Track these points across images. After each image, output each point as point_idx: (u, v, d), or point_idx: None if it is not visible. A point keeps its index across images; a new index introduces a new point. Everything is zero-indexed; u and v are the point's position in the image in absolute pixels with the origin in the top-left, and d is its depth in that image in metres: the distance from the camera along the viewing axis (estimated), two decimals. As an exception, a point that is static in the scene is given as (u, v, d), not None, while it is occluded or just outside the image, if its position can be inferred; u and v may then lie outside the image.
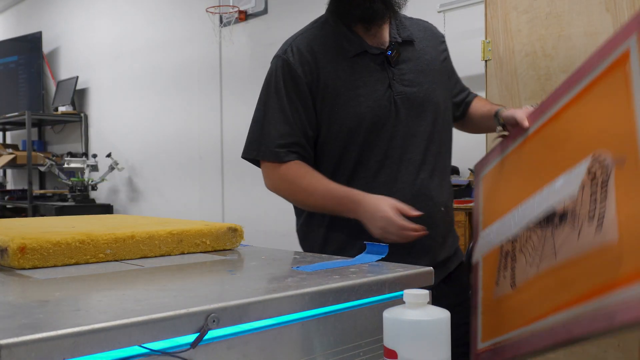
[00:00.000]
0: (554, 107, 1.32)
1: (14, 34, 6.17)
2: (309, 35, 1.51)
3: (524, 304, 1.22)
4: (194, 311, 0.68)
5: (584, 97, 1.21)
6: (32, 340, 0.57)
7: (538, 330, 1.14)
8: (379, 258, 1.06)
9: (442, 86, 1.55)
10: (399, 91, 1.47)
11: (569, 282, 1.09)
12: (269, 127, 1.47)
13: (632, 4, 1.73)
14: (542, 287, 1.17)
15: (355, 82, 1.46)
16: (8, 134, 6.47)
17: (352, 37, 1.48)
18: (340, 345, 0.84)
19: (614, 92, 1.09)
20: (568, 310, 1.06)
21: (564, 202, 1.18)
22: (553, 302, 1.11)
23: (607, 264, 1.00)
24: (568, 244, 1.13)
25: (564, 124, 1.30)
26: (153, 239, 1.07)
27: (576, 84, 1.24)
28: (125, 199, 5.09)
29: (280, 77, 1.48)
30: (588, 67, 1.20)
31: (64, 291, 0.81)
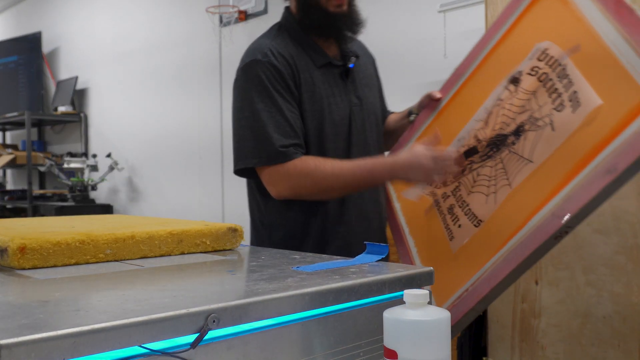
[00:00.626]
0: (473, 63, 1.52)
1: (14, 34, 6.17)
2: (280, 42, 1.55)
3: (498, 229, 1.31)
4: (194, 311, 0.68)
5: (514, 31, 1.41)
6: (32, 340, 0.57)
7: (503, 257, 1.25)
8: (379, 258, 1.06)
9: (379, 101, 1.72)
10: (354, 102, 1.58)
11: (551, 174, 1.21)
12: (267, 130, 1.44)
13: (632, 4, 1.72)
14: (521, 196, 1.27)
15: (327, 91, 1.54)
16: (8, 134, 6.47)
17: (317, 48, 1.57)
18: (340, 345, 0.84)
19: (549, 11, 1.31)
20: (550, 201, 1.19)
21: (508, 122, 1.36)
22: (540, 196, 1.22)
23: (594, 130, 1.15)
24: (542, 144, 1.26)
25: (488, 69, 1.48)
26: (153, 239, 1.07)
27: (494, 34, 1.46)
28: (125, 199, 5.09)
29: (269, 80, 1.47)
30: (506, 15, 1.43)
31: (64, 291, 0.81)
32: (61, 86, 5.52)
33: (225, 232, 1.17)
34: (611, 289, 1.78)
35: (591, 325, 1.82)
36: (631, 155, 1.06)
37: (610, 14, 1.18)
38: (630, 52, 1.13)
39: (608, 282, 1.78)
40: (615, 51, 1.15)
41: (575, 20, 1.25)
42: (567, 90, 1.23)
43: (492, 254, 1.28)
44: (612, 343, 1.77)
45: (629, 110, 1.09)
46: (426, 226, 1.53)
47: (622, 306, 1.76)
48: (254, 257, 1.11)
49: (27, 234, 0.99)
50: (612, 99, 1.14)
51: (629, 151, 1.07)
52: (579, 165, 1.15)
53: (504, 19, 1.45)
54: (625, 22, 1.15)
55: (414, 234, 1.57)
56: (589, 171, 1.13)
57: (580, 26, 1.23)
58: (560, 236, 1.18)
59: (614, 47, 1.15)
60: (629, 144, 1.07)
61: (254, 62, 1.49)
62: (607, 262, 1.78)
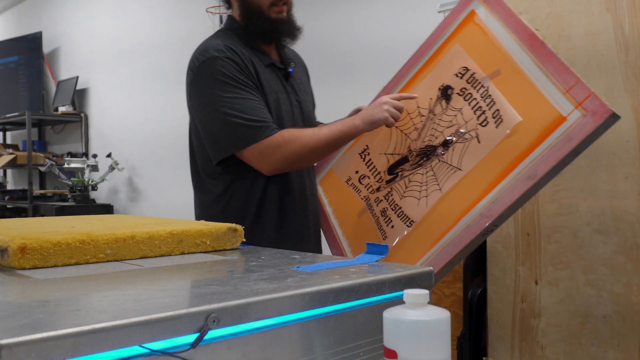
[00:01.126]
0: (402, 81, 1.68)
1: (14, 34, 6.17)
2: (230, 42, 1.62)
3: (431, 228, 1.46)
4: (194, 311, 0.68)
5: (438, 56, 1.61)
6: (32, 340, 0.57)
7: (436, 253, 1.40)
8: (379, 258, 1.06)
9: (313, 109, 1.83)
10: (295, 104, 1.68)
11: (479, 180, 1.39)
12: (245, 113, 1.51)
13: (632, 4, 1.72)
14: (452, 199, 1.44)
15: (275, 87, 1.63)
16: (8, 134, 6.47)
17: (261, 49, 1.66)
18: (340, 345, 0.84)
19: (470, 38, 1.53)
20: (485, 199, 1.37)
21: (436, 135, 1.53)
22: (469, 199, 1.40)
23: (515, 143, 1.35)
24: (470, 154, 1.45)
25: (419, 86, 1.64)
26: (153, 239, 1.07)
27: (426, 52, 1.64)
28: (126, 199, 5.09)
29: (230, 72, 1.53)
30: (435, 38, 1.63)
31: (64, 291, 0.81)
32: (61, 86, 5.52)
33: (225, 232, 1.17)
34: (611, 289, 1.78)
35: (591, 325, 1.81)
36: (549, 163, 1.27)
37: (525, 45, 1.40)
38: (543, 77, 1.35)
39: (608, 282, 1.78)
40: (531, 76, 1.37)
41: (495, 49, 1.46)
42: (490, 108, 1.44)
43: (425, 250, 1.43)
44: (612, 343, 1.77)
45: (545, 126, 1.31)
46: (360, 227, 1.67)
47: (622, 306, 1.76)
48: (254, 257, 1.11)
49: (27, 234, 0.99)
50: (530, 117, 1.35)
51: (546, 160, 1.27)
52: (503, 172, 1.34)
53: (432, 41, 1.65)
54: (538, 52, 1.37)
55: (347, 235, 1.70)
56: (512, 177, 1.32)
57: (499, 54, 1.45)
58: (487, 233, 1.36)
59: (529, 73, 1.37)
60: (546, 154, 1.28)
61: (212, 59, 1.55)
62: (607, 262, 1.78)
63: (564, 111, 1.28)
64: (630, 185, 1.74)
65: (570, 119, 1.26)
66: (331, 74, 3.25)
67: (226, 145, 1.54)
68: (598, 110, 1.23)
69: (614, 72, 1.76)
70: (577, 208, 1.85)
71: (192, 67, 1.60)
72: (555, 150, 1.26)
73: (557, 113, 1.29)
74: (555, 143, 1.27)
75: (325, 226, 1.77)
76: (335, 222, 1.74)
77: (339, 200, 1.77)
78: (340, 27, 3.20)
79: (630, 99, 1.74)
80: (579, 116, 1.25)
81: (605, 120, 1.22)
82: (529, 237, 1.95)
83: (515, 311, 1.98)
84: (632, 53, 1.73)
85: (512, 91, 1.40)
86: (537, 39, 1.39)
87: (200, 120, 1.59)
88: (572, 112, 1.26)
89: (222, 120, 1.52)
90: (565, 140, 1.26)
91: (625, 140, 1.75)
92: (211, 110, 1.54)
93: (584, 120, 1.24)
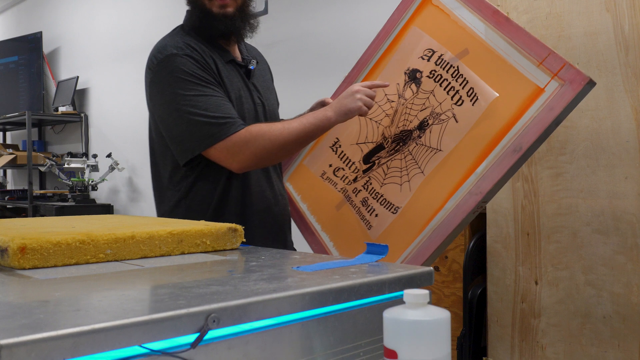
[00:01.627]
0: (364, 70, 1.69)
1: (14, 34, 6.17)
2: (188, 39, 1.58)
3: (418, 212, 1.46)
4: (194, 311, 0.68)
5: (399, 41, 1.62)
6: (32, 340, 0.57)
7: (427, 236, 1.40)
8: (379, 258, 1.06)
9: (277, 107, 1.79)
10: (258, 103, 1.64)
11: (462, 158, 1.39)
12: (209, 110, 1.46)
13: (632, 4, 1.72)
14: (437, 181, 1.44)
15: (236, 85, 1.59)
16: (8, 134, 6.47)
17: (220, 46, 1.62)
18: (340, 345, 0.84)
19: (431, 20, 1.54)
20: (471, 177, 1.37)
21: (410, 119, 1.53)
22: (454, 178, 1.40)
23: (496, 118, 1.36)
24: (449, 134, 1.45)
25: (383, 72, 1.64)
26: (153, 239, 1.07)
27: (385, 39, 1.65)
28: (126, 199, 5.09)
29: (191, 70, 1.50)
30: (392, 24, 1.65)
31: (64, 291, 0.81)
32: (62, 86, 5.52)
33: (226, 232, 1.17)
34: (611, 289, 1.78)
35: (591, 325, 1.81)
36: (533, 135, 1.28)
37: (490, 22, 1.41)
38: (514, 52, 1.36)
39: (608, 282, 1.78)
40: (501, 52, 1.38)
41: (459, 29, 1.48)
42: (463, 87, 1.44)
43: (415, 234, 1.43)
44: (612, 343, 1.77)
45: (524, 99, 1.32)
46: (340, 220, 1.66)
47: (622, 306, 1.76)
48: (254, 257, 1.11)
49: (27, 234, 0.99)
50: (507, 91, 1.36)
51: (530, 132, 1.28)
52: (487, 149, 1.35)
53: (390, 27, 1.67)
54: (505, 28, 1.38)
55: (327, 229, 1.69)
56: (497, 152, 1.33)
57: (464, 34, 1.46)
58: (477, 210, 1.36)
59: (499, 49, 1.39)
60: (529, 126, 1.29)
61: (170, 56, 1.52)
62: (607, 262, 1.78)
63: (541, 83, 1.30)
64: (630, 185, 1.74)
65: (548, 89, 1.29)
66: (326, 72, 3.26)
67: (192, 145, 1.48)
68: (575, 78, 1.26)
69: (614, 72, 1.76)
70: (577, 208, 1.85)
71: (151, 66, 1.56)
72: (537, 122, 1.28)
73: (534, 85, 1.31)
74: (536, 114, 1.29)
75: (301, 224, 1.75)
76: (311, 218, 1.73)
77: (314, 195, 1.75)
78: (336, 25, 3.20)
79: (630, 99, 1.74)
80: (556, 86, 1.28)
81: (583, 88, 1.25)
82: (529, 237, 1.95)
83: (515, 311, 1.98)
84: (632, 53, 1.73)
85: (484, 69, 1.41)
86: (501, 15, 1.40)
87: (162, 121, 1.55)
88: (549, 82, 1.29)
89: (186, 120, 1.47)
90: (546, 110, 1.28)
91: (625, 140, 1.75)
92: (174, 109, 1.49)
93: (563, 89, 1.27)
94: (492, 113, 1.37)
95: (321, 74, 3.29)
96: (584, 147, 1.84)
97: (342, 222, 1.66)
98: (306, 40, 3.41)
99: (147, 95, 1.58)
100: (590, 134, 1.82)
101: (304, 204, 1.75)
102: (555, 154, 1.89)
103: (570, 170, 1.86)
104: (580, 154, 1.84)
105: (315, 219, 1.71)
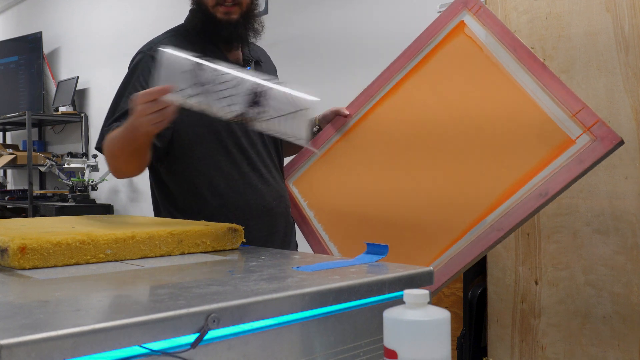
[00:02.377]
0: (386, 86, 1.67)
1: (14, 34, 6.17)
2: (174, 40, 1.58)
3: (436, 236, 1.44)
4: (194, 311, 0.68)
5: (428, 62, 1.61)
6: (32, 340, 0.57)
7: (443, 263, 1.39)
8: (379, 258, 1.06)
9: None
10: None
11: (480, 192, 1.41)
12: (109, 114, 1.54)
13: (632, 4, 1.72)
14: (454, 210, 1.44)
15: None
16: (8, 134, 6.47)
17: (215, 50, 1.60)
18: (340, 345, 0.84)
19: (459, 55, 1.54)
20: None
21: None
22: (474, 214, 1.39)
23: (526, 159, 1.38)
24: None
25: (399, 96, 1.63)
26: (153, 239, 1.07)
27: (408, 62, 1.65)
28: (126, 199, 5.09)
29: (140, 70, 1.52)
30: (419, 45, 1.64)
31: (64, 291, 0.81)
32: (62, 86, 5.52)
33: (226, 232, 1.17)
34: (611, 289, 1.78)
35: (591, 325, 1.81)
36: (560, 183, 1.31)
37: (525, 65, 1.42)
38: (548, 99, 1.38)
39: (608, 282, 1.78)
40: (534, 97, 1.40)
41: (492, 65, 1.48)
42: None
43: (430, 259, 1.42)
44: (612, 343, 1.77)
45: (554, 147, 1.35)
46: (345, 223, 1.65)
47: (622, 306, 1.76)
48: (254, 257, 1.11)
49: (27, 234, 0.99)
50: (538, 135, 1.37)
51: (557, 180, 1.32)
52: (513, 188, 1.37)
53: (419, 47, 1.64)
54: (540, 74, 1.40)
55: (328, 230, 1.67)
56: (523, 193, 1.35)
57: (496, 70, 1.47)
58: (494, 245, 1.37)
59: (532, 93, 1.40)
60: (557, 174, 1.33)
61: (138, 53, 1.58)
62: (607, 262, 1.78)
63: (572, 134, 1.33)
64: (630, 185, 1.74)
65: (579, 142, 1.32)
66: (326, 72, 3.25)
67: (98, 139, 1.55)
68: (607, 136, 1.30)
69: (614, 72, 1.76)
70: (577, 208, 1.85)
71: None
72: (566, 171, 1.32)
73: (566, 135, 1.34)
74: (565, 164, 1.32)
75: (306, 230, 1.71)
76: (314, 220, 1.70)
77: (318, 198, 1.72)
78: (337, 25, 3.20)
79: (630, 99, 1.74)
80: (587, 140, 1.31)
81: (614, 146, 1.29)
82: (529, 237, 1.95)
83: (515, 311, 1.98)
84: (632, 53, 1.73)
85: (519, 111, 1.41)
86: (537, 60, 1.42)
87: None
88: (581, 135, 1.32)
89: (106, 115, 1.56)
90: (576, 162, 1.31)
91: (625, 141, 1.75)
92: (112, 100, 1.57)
93: (594, 145, 1.31)
94: (521, 152, 1.39)
95: (321, 74, 3.29)
96: (584, 147, 1.84)
97: (353, 233, 1.64)
98: (306, 40, 3.41)
99: None
100: (590, 134, 1.82)
101: (311, 211, 1.73)
102: (555, 154, 1.89)
103: (570, 170, 1.86)
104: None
105: (323, 227, 1.70)
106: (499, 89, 1.44)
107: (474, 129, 1.46)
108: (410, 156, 1.56)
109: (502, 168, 1.40)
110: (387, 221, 1.55)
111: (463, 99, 1.51)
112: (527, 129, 1.39)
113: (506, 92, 1.44)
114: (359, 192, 1.62)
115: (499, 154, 1.41)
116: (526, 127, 1.39)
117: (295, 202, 1.75)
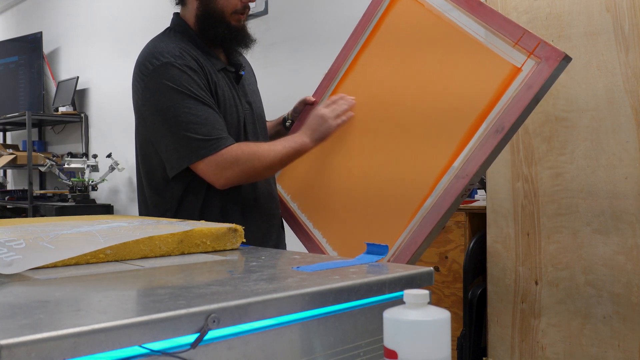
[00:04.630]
0: (343, 66, 1.72)
1: (14, 34, 6.17)
2: (183, 45, 1.59)
3: (407, 198, 1.45)
4: (194, 311, 0.68)
5: (378, 32, 1.63)
6: (32, 340, 0.57)
7: (418, 223, 1.41)
8: (379, 258, 1.06)
9: (263, 108, 1.82)
10: (246, 107, 1.67)
11: (439, 144, 1.43)
12: (201, 124, 1.49)
13: (632, 4, 1.73)
14: (420, 167, 1.45)
15: (228, 93, 1.62)
16: (8, 134, 6.47)
17: (213, 53, 1.65)
18: (340, 345, 0.84)
19: (405, 13, 1.57)
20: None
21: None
22: (437, 167, 1.41)
23: (476, 101, 1.39)
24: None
25: (358, 72, 1.67)
26: (153, 239, 1.07)
27: (360, 37, 1.68)
28: (126, 199, 5.09)
29: (187, 82, 1.51)
30: (367, 18, 1.66)
31: (64, 291, 0.81)
32: (62, 86, 5.52)
33: (226, 232, 1.17)
34: (611, 289, 1.78)
35: (591, 326, 1.82)
36: (514, 114, 1.29)
37: (464, 8, 1.45)
38: (490, 35, 1.38)
39: (608, 282, 1.78)
40: (477, 37, 1.41)
41: (434, 18, 1.50)
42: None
43: (407, 221, 1.44)
44: (612, 343, 1.77)
45: (502, 80, 1.34)
46: (333, 216, 1.66)
47: (622, 306, 1.76)
48: (254, 257, 1.11)
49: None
50: (486, 74, 1.38)
51: (510, 111, 1.30)
52: (470, 132, 1.36)
53: (366, 22, 1.67)
54: (478, 12, 1.42)
55: (319, 227, 1.68)
56: (480, 134, 1.34)
57: (440, 22, 1.49)
58: (465, 194, 1.37)
59: (475, 34, 1.41)
60: (509, 106, 1.31)
61: (167, 65, 1.51)
62: (607, 262, 1.78)
63: (517, 62, 1.33)
64: (630, 185, 1.74)
65: (525, 68, 1.31)
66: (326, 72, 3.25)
67: (182, 158, 1.50)
68: (551, 55, 1.28)
69: (614, 72, 1.76)
70: (577, 208, 1.85)
71: (145, 71, 1.54)
72: (517, 101, 1.30)
73: (511, 65, 1.33)
74: (515, 94, 1.31)
75: (293, 223, 1.74)
76: (302, 217, 1.71)
77: (304, 193, 1.74)
78: (337, 25, 3.20)
79: (630, 99, 1.74)
80: (533, 64, 1.30)
81: (559, 64, 1.27)
82: (529, 237, 1.95)
83: (515, 311, 1.98)
84: (632, 53, 1.73)
85: (462, 54, 1.43)
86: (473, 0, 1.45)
87: (155, 130, 1.54)
88: (526, 61, 1.31)
89: (179, 133, 1.49)
90: (525, 89, 1.30)
91: (625, 141, 1.75)
92: (167, 120, 1.50)
93: (540, 67, 1.29)
94: (472, 95, 1.38)
95: (321, 74, 3.29)
96: (584, 147, 1.84)
97: (334, 218, 1.65)
98: (306, 40, 3.41)
99: (139, 99, 1.56)
100: (590, 134, 1.83)
101: (294, 203, 1.75)
102: (555, 154, 1.89)
103: (570, 170, 1.87)
104: (580, 154, 1.84)
105: (307, 216, 1.71)
106: (445, 39, 1.47)
107: (425, 84, 1.49)
108: (372, 127, 1.58)
109: (456, 116, 1.40)
110: (362, 200, 1.56)
111: (413, 58, 1.53)
112: (475, 70, 1.40)
113: (451, 39, 1.46)
114: (331, 177, 1.65)
115: (450, 104, 1.42)
116: (473, 69, 1.40)
117: (281, 199, 1.77)
